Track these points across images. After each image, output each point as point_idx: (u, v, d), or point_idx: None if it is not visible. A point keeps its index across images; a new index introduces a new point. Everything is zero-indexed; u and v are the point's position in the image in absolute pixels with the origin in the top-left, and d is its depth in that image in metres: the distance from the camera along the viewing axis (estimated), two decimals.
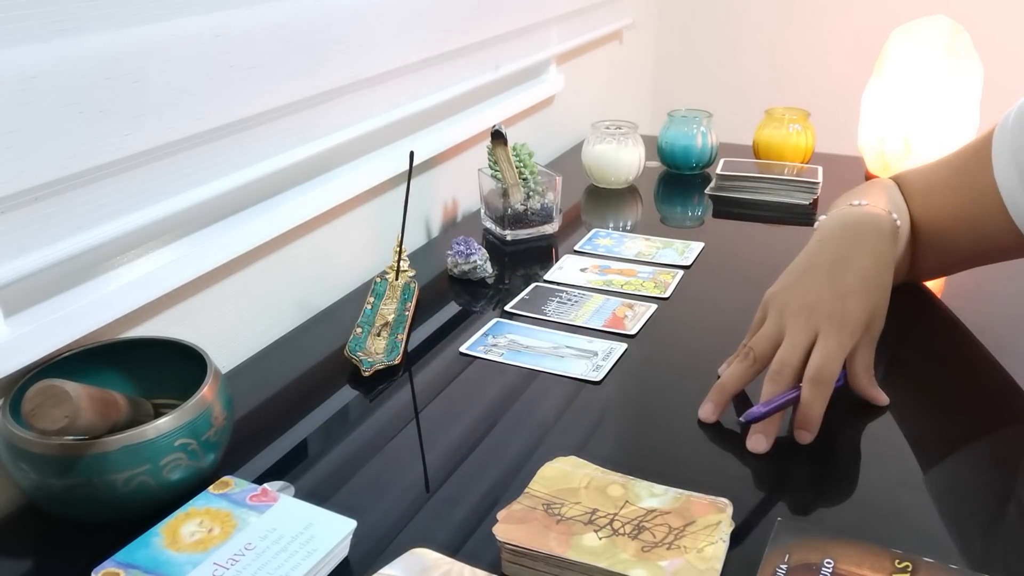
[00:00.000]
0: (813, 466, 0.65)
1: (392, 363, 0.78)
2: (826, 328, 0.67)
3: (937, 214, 0.81)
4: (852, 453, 0.67)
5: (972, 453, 0.67)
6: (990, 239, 0.78)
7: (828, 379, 0.66)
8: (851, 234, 0.74)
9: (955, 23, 1.15)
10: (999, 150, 0.75)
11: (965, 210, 0.79)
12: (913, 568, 0.51)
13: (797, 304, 0.69)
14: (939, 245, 0.82)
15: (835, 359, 0.66)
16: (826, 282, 0.70)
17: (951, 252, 0.83)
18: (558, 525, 0.55)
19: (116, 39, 0.65)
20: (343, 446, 0.68)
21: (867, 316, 0.69)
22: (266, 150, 0.82)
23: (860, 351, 0.70)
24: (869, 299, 0.69)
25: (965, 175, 0.79)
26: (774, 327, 0.70)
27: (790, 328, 0.68)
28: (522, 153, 1.08)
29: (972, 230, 0.79)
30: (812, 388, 0.65)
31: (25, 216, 0.61)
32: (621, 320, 0.86)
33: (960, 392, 0.75)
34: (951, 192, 0.81)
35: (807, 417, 0.65)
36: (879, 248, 0.73)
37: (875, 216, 0.75)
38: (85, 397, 0.53)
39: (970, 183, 0.78)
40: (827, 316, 0.68)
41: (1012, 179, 0.74)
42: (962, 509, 0.60)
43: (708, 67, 1.91)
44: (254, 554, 0.53)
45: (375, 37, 0.93)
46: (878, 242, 0.73)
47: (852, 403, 0.73)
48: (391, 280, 0.90)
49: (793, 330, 0.68)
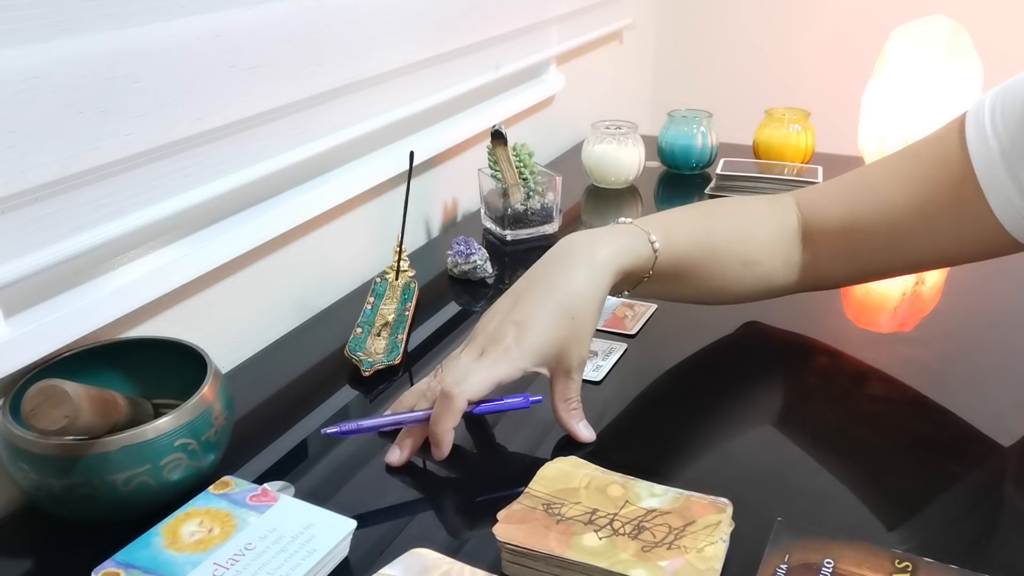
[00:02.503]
0: (813, 466, 0.65)
1: (392, 363, 0.78)
2: (488, 349, 0.64)
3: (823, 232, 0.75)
4: (852, 453, 0.67)
5: (972, 454, 0.67)
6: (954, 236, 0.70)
7: (457, 392, 0.62)
8: (556, 260, 0.68)
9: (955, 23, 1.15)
10: (977, 138, 0.68)
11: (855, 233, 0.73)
12: (913, 568, 0.51)
13: (478, 329, 0.67)
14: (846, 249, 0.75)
15: (476, 374, 0.63)
16: (510, 308, 0.66)
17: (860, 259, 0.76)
18: (558, 525, 0.55)
19: (116, 39, 0.65)
20: (343, 446, 0.68)
21: (546, 347, 0.64)
22: (266, 150, 0.82)
23: (555, 384, 0.66)
24: (550, 330, 0.64)
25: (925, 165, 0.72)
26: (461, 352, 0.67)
27: (464, 351, 0.66)
28: (522, 153, 1.08)
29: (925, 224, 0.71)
30: (440, 401, 0.63)
31: (25, 216, 0.61)
32: (621, 320, 0.86)
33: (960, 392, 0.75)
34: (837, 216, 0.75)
35: (432, 432, 0.63)
36: (584, 275, 0.66)
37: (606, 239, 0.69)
38: (85, 397, 0.53)
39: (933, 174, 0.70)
40: (492, 339, 0.65)
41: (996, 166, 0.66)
42: (962, 509, 0.60)
43: (708, 67, 1.91)
44: (254, 554, 0.53)
45: (375, 37, 0.93)
46: (586, 270, 0.66)
47: (853, 403, 0.73)
48: (391, 280, 0.90)
49: (464, 352, 0.66)
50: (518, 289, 0.68)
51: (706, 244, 0.74)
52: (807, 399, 0.74)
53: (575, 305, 0.65)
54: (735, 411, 0.72)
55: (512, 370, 0.64)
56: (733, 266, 0.75)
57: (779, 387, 0.76)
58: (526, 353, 0.64)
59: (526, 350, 0.64)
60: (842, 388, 0.76)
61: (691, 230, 0.74)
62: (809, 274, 0.78)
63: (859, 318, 0.88)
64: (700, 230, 0.75)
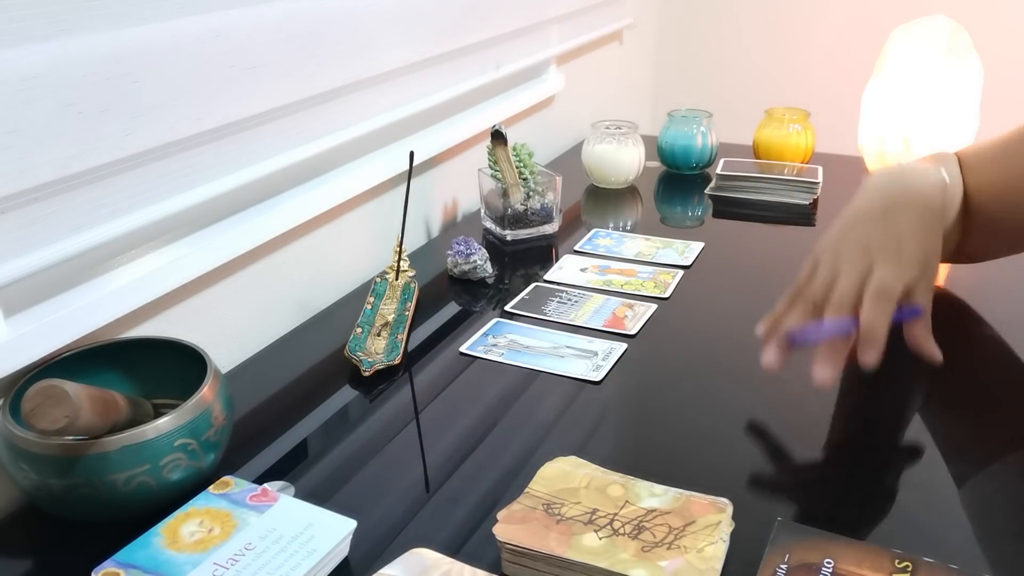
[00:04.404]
0: (813, 466, 0.65)
1: (392, 363, 0.78)
2: (881, 261, 0.67)
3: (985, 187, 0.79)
4: (852, 453, 0.67)
5: (972, 453, 0.67)
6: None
7: (889, 295, 0.65)
8: (898, 184, 0.72)
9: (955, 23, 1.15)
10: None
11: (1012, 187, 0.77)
12: (913, 568, 0.51)
13: (850, 247, 0.69)
14: (985, 222, 0.80)
15: (894, 280, 0.65)
16: (878, 226, 0.69)
17: (995, 232, 0.80)
18: (558, 525, 0.55)
19: (116, 39, 0.65)
20: (343, 446, 0.68)
21: (922, 256, 0.68)
22: (266, 150, 0.82)
23: (917, 295, 0.68)
24: (922, 242, 0.68)
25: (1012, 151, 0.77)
26: (828, 271, 0.69)
27: (844, 268, 0.68)
28: (522, 153, 1.08)
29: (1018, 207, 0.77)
30: (873, 304, 0.64)
31: (25, 216, 0.61)
32: (621, 320, 0.87)
33: (960, 392, 0.75)
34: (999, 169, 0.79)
35: (870, 335, 0.64)
36: (928, 196, 0.71)
37: (923, 168, 0.74)
38: (85, 397, 0.53)
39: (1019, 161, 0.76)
40: (881, 251, 0.67)
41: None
42: (962, 509, 0.60)
43: (708, 67, 1.91)
44: (254, 554, 0.53)
45: (375, 37, 0.93)
46: (927, 190, 0.71)
47: (852, 403, 0.73)
48: (391, 280, 0.90)
49: (848, 268, 0.68)
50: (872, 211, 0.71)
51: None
52: (807, 399, 0.74)
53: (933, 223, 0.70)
54: (735, 411, 0.72)
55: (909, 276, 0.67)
56: None
57: (779, 387, 0.76)
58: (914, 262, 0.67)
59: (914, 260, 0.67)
60: (842, 388, 0.76)
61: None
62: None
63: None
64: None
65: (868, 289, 0.65)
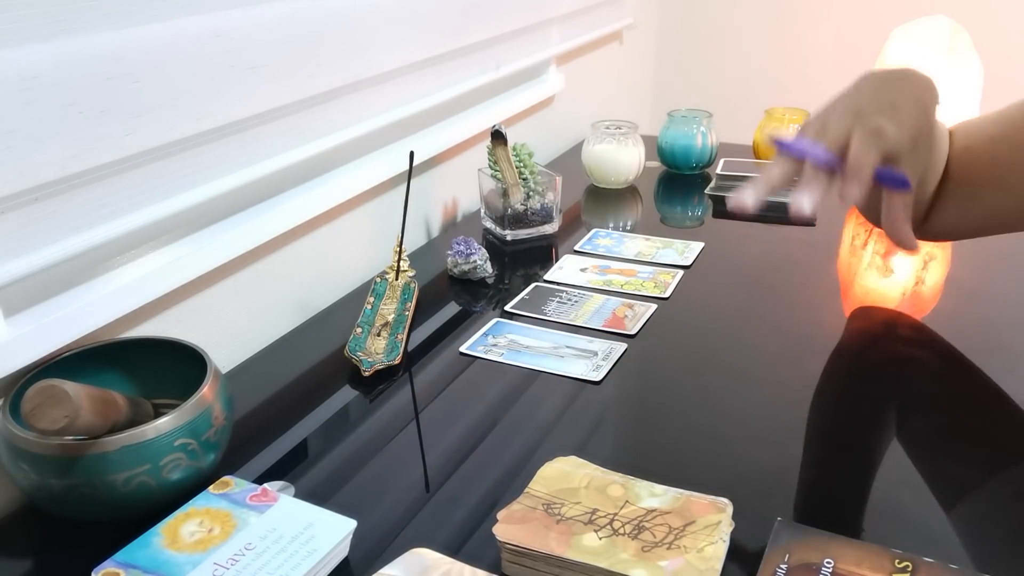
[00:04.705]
0: (813, 466, 0.65)
1: (392, 363, 0.78)
2: (873, 118, 0.65)
3: (974, 155, 0.78)
4: (852, 453, 0.67)
5: (972, 453, 0.67)
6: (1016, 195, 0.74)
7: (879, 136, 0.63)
8: (895, 69, 0.71)
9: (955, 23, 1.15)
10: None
11: (1000, 156, 0.76)
12: (913, 568, 0.51)
13: (842, 108, 0.67)
14: (960, 196, 0.78)
15: (887, 127, 0.64)
16: (873, 92, 0.68)
17: (975, 206, 0.78)
18: (558, 525, 0.55)
19: (116, 39, 0.65)
20: (343, 446, 0.68)
21: (914, 130, 0.66)
22: (266, 150, 0.82)
23: (904, 166, 0.67)
24: (917, 115, 0.67)
25: (1008, 124, 0.76)
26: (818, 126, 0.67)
27: (835, 121, 0.66)
28: (522, 153, 1.08)
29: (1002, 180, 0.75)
30: (861, 139, 0.62)
31: (25, 216, 0.61)
32: (621, 320, 0.87)
33: (961, 392, 0.75)
34: (990, 137, 0.77)
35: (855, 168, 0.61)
36: (926, 82, 0.70)
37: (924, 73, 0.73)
38: (85, 397, 0.53)
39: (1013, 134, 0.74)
40: (875, 111, 0.65)
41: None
42: (962, 509, 0.60)
43: (708, 67, 1.91)
44: (254, 554, 0.53)
45: (375, 37, 0.93)
46: (926, 80, 0.70)
47: (853, 402, 0.73)
48: (391, 280, 0.90)
49: (839, 120, 0.65)
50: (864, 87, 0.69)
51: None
52: (807, 399, 0.74)
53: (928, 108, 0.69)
54: (735, 411, 0.72)
55: (899, 138, 0.65)
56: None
57: (779, 387, 0.76)
58: (905, 129, 0.65)
59: (905, 126, 0.65)
60: (842, 388, 0.76)
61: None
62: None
63: (859, 317, 0.88)
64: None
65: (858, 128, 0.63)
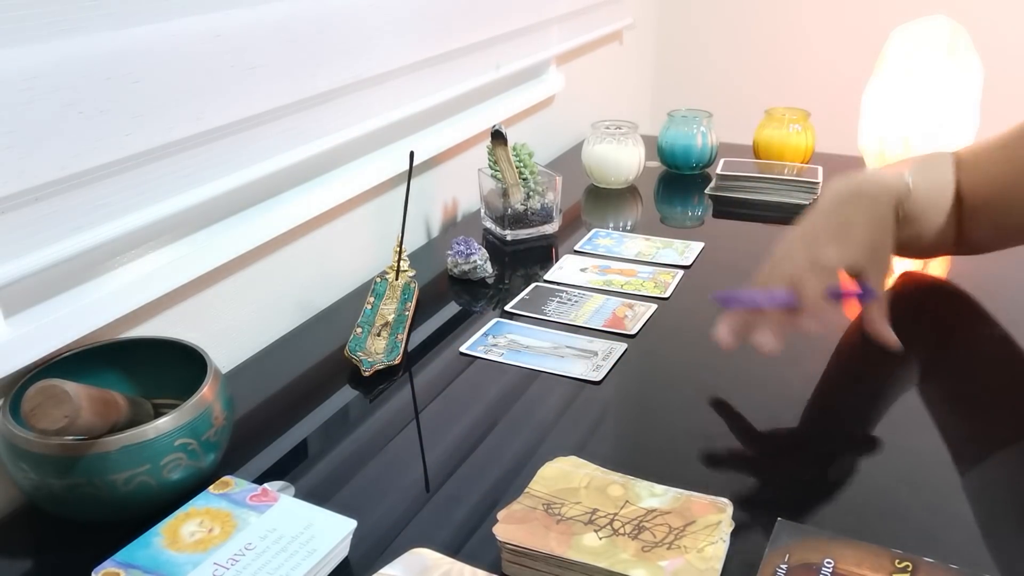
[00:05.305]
0: (813, 466, 0.65)
1: (392, 363, 0.78)
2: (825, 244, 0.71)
3: (985, 184, 0.81)
4: (852, 453, 0.67)
5: (972, 452, 0.67)
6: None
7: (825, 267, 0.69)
8: (848, 186, 0.76)
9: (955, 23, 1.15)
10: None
11: (1013, 184, 0.79)
12: (913, 568, 0.51)
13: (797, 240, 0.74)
14: (990, 216, 0.82)
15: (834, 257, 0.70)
16: (826, 218, 0.74)
17: (1002, 225, 0.82)
18: (558, 525, 0.55)
19: (116, 39, 0.65)
20: (343, 446, 0.68)
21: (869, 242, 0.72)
22: (266, 150, 0.82)
23: (868, 278, 0.72)
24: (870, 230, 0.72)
25: (1013, 147, 0.79)
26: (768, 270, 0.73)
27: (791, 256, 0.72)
28: (522, 153, 1.08)
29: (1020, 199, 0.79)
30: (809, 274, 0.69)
31: (25, 216, 0.61)
32: (621, 320, 0.86)
33: (961, 392, 0.75)
34: (1001, 162, 0.80)
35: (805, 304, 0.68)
36: (877, 195, 0.75)
37: (880, 173, 0.78)
38: (85, 397, 0.53)
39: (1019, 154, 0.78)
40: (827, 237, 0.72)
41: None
42: (962, 509, 0.60)
43: (708, 67, 1.91)
44: (254, 554, 0.53)
45: (375, 37, 0.93)
46: (878, 191, 0.75)
47: (852, 402, 0.73)
48: (391, 280, 0.90)
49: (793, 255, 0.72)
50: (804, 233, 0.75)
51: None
52: (807, 399, 0.74)
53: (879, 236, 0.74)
54: (735, 411, 0.72)
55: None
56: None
57: (779, 386, 0.76)
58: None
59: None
60: (842, 387, 0.76)
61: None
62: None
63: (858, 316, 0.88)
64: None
65: (803, 262, 0.70)
